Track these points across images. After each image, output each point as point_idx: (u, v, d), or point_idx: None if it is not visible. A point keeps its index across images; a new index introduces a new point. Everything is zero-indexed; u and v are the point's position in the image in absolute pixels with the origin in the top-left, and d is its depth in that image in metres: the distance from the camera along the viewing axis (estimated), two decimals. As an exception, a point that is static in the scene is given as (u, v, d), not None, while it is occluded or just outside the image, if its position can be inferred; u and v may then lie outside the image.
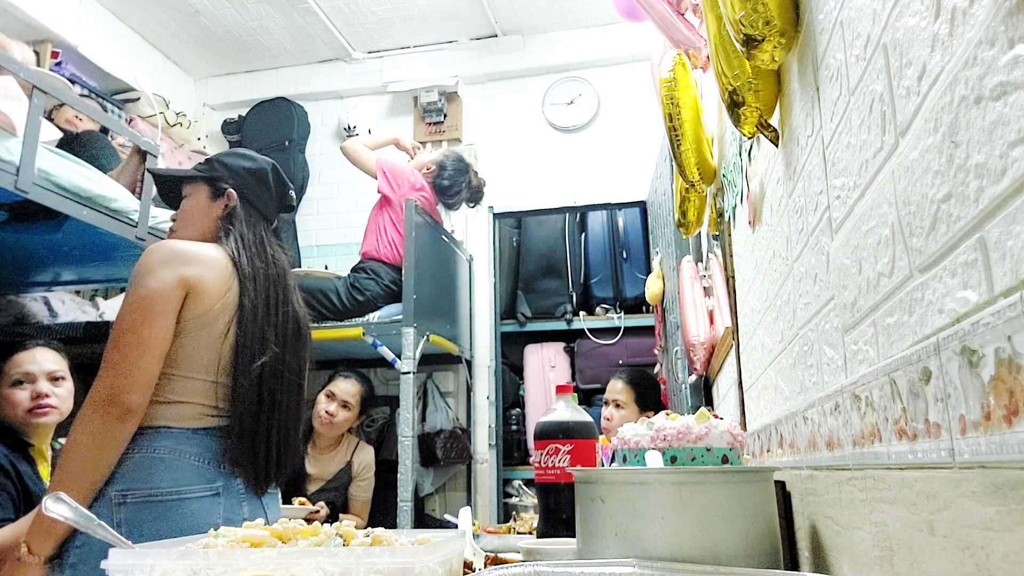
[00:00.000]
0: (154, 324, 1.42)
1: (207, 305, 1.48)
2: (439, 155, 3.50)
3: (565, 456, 1.36)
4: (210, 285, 1.49)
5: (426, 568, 0.75)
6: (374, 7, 3.77)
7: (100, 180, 2.30)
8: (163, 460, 1.40)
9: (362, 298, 3.14)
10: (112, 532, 0.87)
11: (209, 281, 1.49)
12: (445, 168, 3.38)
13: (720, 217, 1.80)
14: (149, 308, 1.42)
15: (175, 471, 1.40)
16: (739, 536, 0.85)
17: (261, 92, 4.28)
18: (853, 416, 0.78)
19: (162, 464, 1.39)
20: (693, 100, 1.70)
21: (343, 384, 3.01)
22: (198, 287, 1.47)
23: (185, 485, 1.40)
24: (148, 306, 1.43)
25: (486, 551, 1.39)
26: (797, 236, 1.03)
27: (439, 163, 3.40)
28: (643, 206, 3.84)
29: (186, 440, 1.43)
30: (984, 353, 0.48)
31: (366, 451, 3.14)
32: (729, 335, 1.77)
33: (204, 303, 1.48)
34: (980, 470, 0.49)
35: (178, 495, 1.38)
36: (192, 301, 1.47)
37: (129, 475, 1.38)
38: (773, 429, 1.27)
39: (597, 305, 4.17)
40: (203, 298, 1.48)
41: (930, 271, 0.58)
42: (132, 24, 3.78)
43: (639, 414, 2.59)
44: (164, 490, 1.38)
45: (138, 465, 1.39)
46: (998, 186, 0.46)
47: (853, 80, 0.75)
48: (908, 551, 0.63)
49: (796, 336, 1.08)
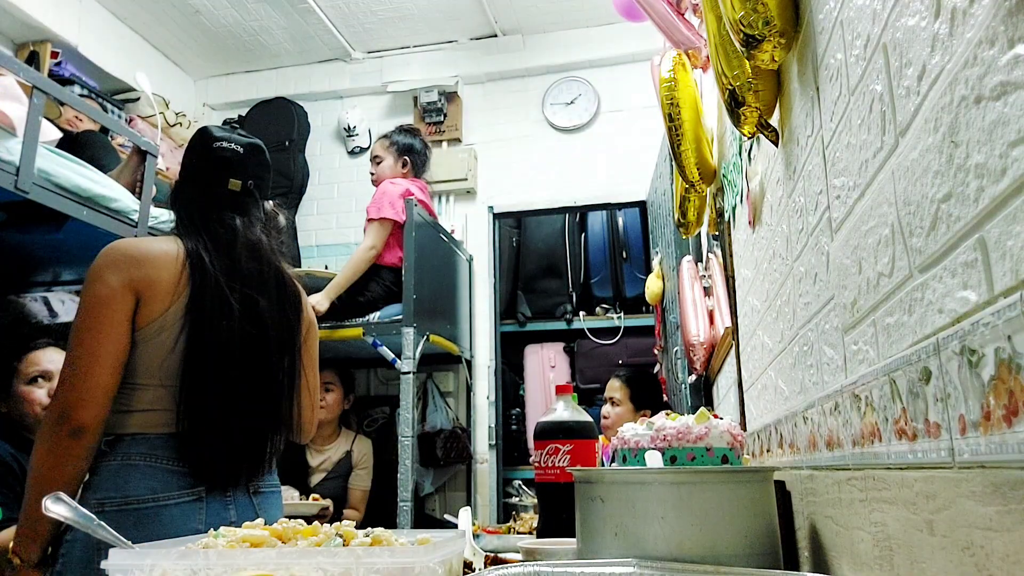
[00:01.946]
0: (102, 333, 1.35)
1: (161, 308, 1.41)
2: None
3: (565, 456, 1.36)
4: (162, 287, 1.41)
5: (426, 568, 0.75)
6: (374, 7, 3.77)
7: (100, 180, 2.30)
8: (138, 467, 1.36)
9: (362, 298, 3.14)
10: (112, 532, 0.87)
11: (160, 282, 1.41)
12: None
13: (720, 217, 1.80)
14: (96, 317, 1.36)
15: (151, 478, 1.36)
16: (739, 536, 0.85)
17: (261, 92, 4.28)
18: (853, 416, 0.78)
19: (137, 471, 1.36)
20: (693, 100, 1.70)
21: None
22: (148, 291, 1.40)
23: (163, 492, 1.35)
24: (95, 315, 1.36)
25: (486, 551, 1.39)
26: (797, 236, 1.03)
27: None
28: (643, 206, 3.84)
29: (161, 446, 1.38)
30: (984, 353, 0.48)
31: (365, 442, 3.29)
32: (729, 335, 1.77)
33: (158, 307, 1.41)
34: (980, 470, 0.49)
35: (155, 502, 1.34)
36: (145, 306, 1.40)
37: (106, 483, 1.35)
38: (773, 429, 1.27)
39: (597, 305, 4.17)
40: (156, 303, 1.41)
41: (930, 271, 0.58)
42: (132, 24, 3.78)
43: (634, 412, 2.66)
44: (141, 497, 1.34)
45: (115, 473, 1.35)
46: (998, 186, 0.46)
47: (853, 80, 0.75)
48: (908, 551, 0.63)
49: (796, 336, 1.08)
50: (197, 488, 1.39)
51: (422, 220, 3.21)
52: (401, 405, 3.02)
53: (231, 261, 1.51)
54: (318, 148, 4.28)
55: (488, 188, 4.01)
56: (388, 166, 3.34)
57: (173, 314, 1.42)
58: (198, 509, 1.39)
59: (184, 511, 1.37)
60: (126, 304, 1.38)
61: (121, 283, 1.38)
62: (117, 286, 1.38)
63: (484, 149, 4.05)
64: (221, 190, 1.58)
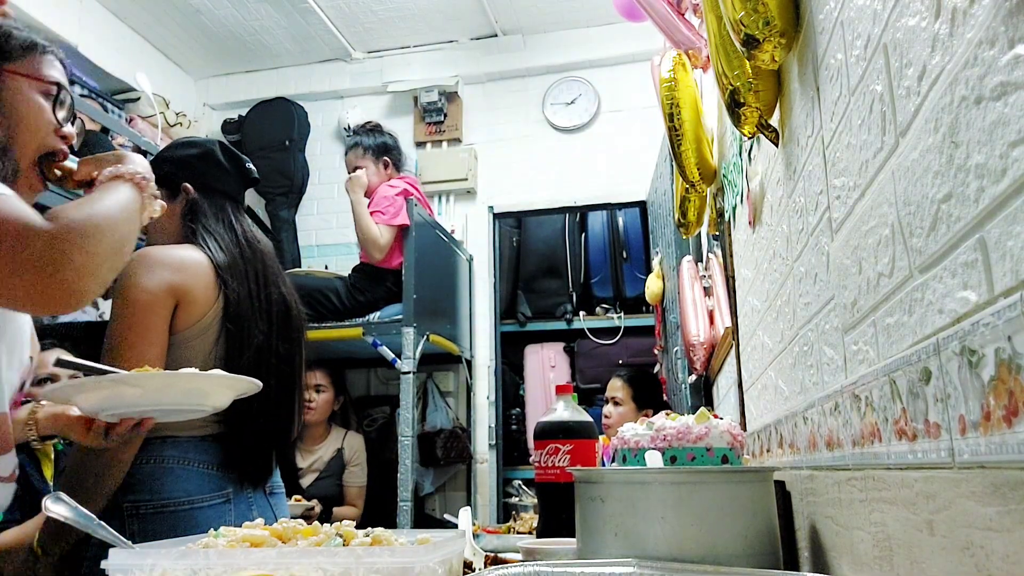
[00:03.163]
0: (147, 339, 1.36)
1: (197, 315, 1.43)
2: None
3: (565, 456, 1.36)
4: (199, 294, 1.44)
5: (426, 568, 0.75)
6: (374, 7, 3.77)
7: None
8: (172, 470, 1.39)
9: (362, 298, 3.14)
10: (112, 532, 0.87)
11: (197, 290, 1.44)
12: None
13: (720, 217, 1.80)
14: (143, 322, 1.37)
15: (185, 480, 1.39)
16: (739, 536, 0.85)
17: (261, 92, 4.28)
18: (853, 416, 0.78)
19: (172, 474, 1.39)
20: (693, 100, 1.70)
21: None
22: (187, 297, 1.42)
23: (196, 494, 1.39)
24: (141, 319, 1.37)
25: (486, 551, 1.39)
26: (797, 236, 1.03)
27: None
28: (643, 206, 3.84)
29: (193, 448, 1.42)
30: (984, 353, 0.48)
31: (356, 437, 3.25)
32: (729, 335, 1.77)
33: (194, 314, 1.43)
34: (980, 470, 0.49)
35: (190, 504, 1.38)
36: (183, 311, 1.42)
37: (139, 486, 1.36)
38: (773, 429, 1.27)
39: (597, 305, 4.17)
40: (192, 309, 1.43)
41: (930, 271, 0.58)
42: (132, 24, 3.78)
43: (636, 412, 2.66)
44: (176, 500, 1.37)
45: (148, 475, 1.37)
46: (998, 186, 0.46)
47: (853, 80, 0.75)
48: (908, 551, 0.63)
49: (796, 336, 1.08)
50: (225, 490, 1.43)
51: (422, 220, 3.22)
52: (401, 405, 3.02)
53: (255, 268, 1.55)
54: (318, 148, 4.28)
55: (488, 188, 4.01)
56: (372, 173, 3.28)
57: (209, 320, 1.45)
58: (228, 510, 1.42)
59: (217, 512, 1.40)
60: (167, 309, 1.40)
61: (162, 288, 1.39)
62: (159, 292, 1.39)
63: (484, 149, 4.05)
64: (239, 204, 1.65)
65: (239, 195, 1.66)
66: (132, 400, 1.11)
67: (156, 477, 1.38)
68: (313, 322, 3.07)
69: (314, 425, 3.11)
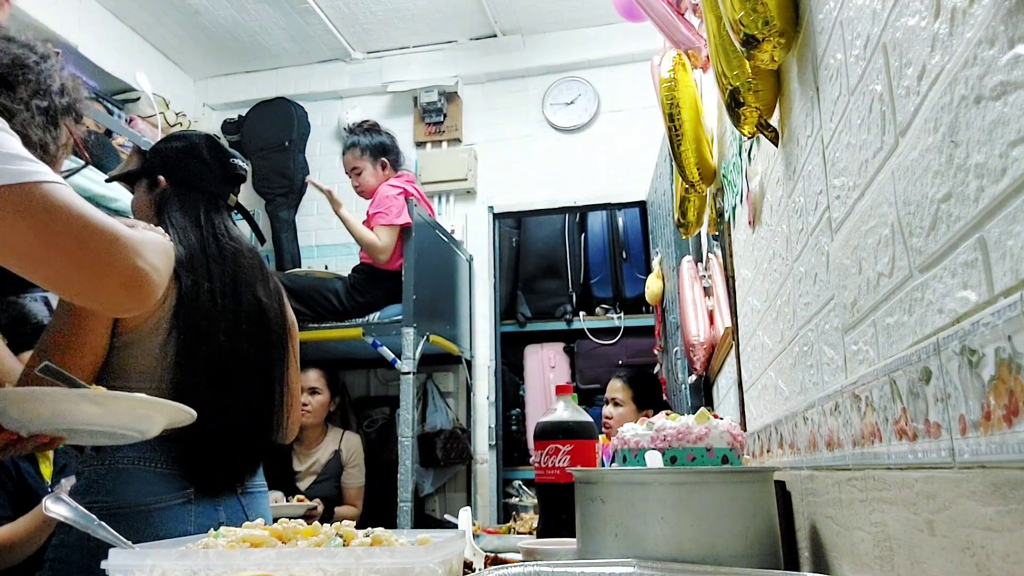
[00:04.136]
0: (84, 339, 1.30)
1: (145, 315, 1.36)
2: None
3: (565, 456, 1.36)
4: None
5: (426, 568, 0.75)
6: (374, 7, 3.77)
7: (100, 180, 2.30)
8: (127, 471, 1.34)
9: (362, 298, 3.14)
10: (112, 532, 0.86)
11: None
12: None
13: (720, 217, 1.80)
14: (76, 319, 1.30)
15: (140, 482, 1.34)
16: (739, 536, 0.85)
17: (261, 92, 4.28)
18: (853, 416, 0.78)
19: (126, 475, 1.34)
20: (693, 100, 1.70)
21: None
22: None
23: (152, 495, 1.34)
24: (75, 317, 1.30)
25: (486, 551, 1.39)
26: (797, 236, 1.03)
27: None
28: (643, 206, 3.84)
29: (149, 449, 1.35)
30: (984, 353, 0.48)
31: (353, 438, 3.23)
32: (729, 335, 1.77)
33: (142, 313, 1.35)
34: (980, 470, 0.49)
35: (145, 506, 1.33)
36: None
37: (95, 487, 1.33)
38: (773, 429, 1.27)
39: (597, 305, 4.17)
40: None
41: (930, 271, 0.58)
42: (132, 24, 3.78)
43: (637, 412, 2.65)
44: (133, 501, 1.32)
45: (102, 477, 1.34)
46: (998, 186, 0.46)
47: (853, 80, 0.75)
48: (908, 551, 0.63)
49: (796, 336, 1.08)
50: (187, 491, 1.39)
51: (422, 220, 3.22)
52: (401, 405, 3.02)
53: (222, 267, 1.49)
54: (318, 148, 4.28)
55: (488, 188, 4.01)
56: (370, 174, 3.28)
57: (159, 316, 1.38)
58: (188, 511, 1.38)
59: (176, 514, 1.36)
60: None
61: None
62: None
63: (484, 149, 4.05)
64: (223, 202, 1.60)
65: (221, 192, 1.60)
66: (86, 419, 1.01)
67: (110, 479, 1.33)
68: (313, 322, 3.08)
69: (311, 428, 3.09)
